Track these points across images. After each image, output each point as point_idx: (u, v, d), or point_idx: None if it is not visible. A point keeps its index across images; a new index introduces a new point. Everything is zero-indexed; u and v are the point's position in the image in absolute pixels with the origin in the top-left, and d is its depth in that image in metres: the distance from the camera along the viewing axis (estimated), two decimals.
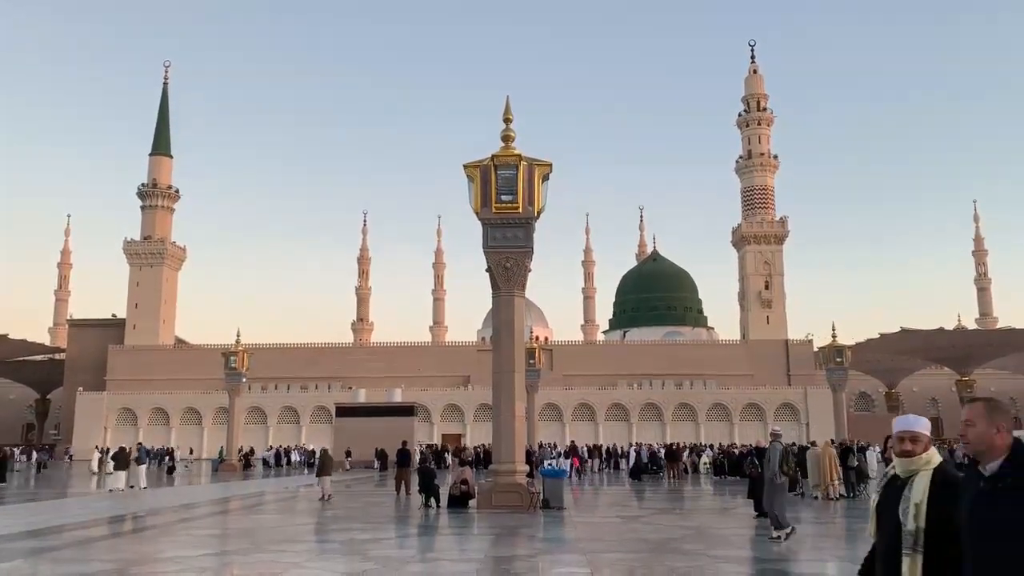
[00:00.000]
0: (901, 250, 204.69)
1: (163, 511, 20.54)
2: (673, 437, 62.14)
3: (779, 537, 13.41)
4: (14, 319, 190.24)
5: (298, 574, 10.13)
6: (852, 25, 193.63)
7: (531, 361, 41.78)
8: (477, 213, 19.68)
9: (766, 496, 14.56)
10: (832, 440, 30.72)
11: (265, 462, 55.94)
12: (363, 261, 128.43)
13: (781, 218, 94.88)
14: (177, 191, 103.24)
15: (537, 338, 64.08)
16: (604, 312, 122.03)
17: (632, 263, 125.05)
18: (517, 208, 19.42)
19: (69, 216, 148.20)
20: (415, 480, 23.37)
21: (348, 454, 48.24)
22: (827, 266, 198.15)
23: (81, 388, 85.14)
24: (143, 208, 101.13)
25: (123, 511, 20.33)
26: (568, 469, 33.00)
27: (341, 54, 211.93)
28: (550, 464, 29.02)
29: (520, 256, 19.70)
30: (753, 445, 31.43)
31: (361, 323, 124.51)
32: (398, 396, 56.93)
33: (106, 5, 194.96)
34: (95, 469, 43.82)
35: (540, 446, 43.20)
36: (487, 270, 19.88)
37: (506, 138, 20.33)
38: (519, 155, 19.74)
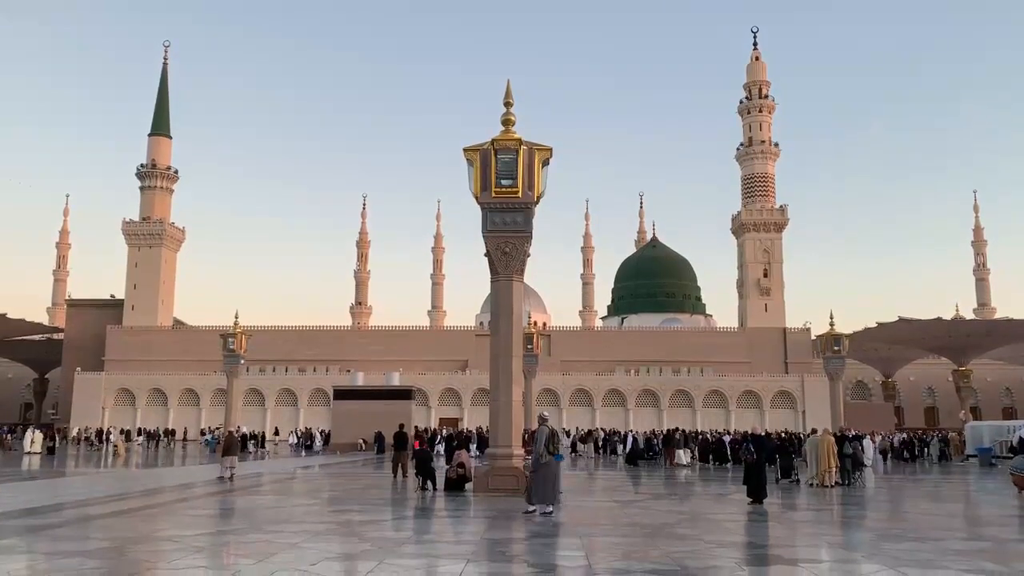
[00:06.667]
0: (900, 239, 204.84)
1: None
2: (670, 424, 62.33)
3: (546, 512, 14.56)
4: (13, 298, 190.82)
5: (295, 555, 10.16)
6: (854, 13, 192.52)
7: (529, 346, 41.83)
8: (476, 197, 19.60)
9: (535, 474, 15.45)
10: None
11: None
12: (362, 244, 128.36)
13: (781, 206, 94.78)
14: (176, 172, 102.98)
15: (535, 323, 64.16)
16: (602, 298, 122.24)
17: (631, 250, 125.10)
18: (517, 193, 19.33)
19: (68, 196, 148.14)
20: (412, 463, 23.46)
21: (365, 441, 48.20)
22: (826, 255, 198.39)
23: (79, 368, 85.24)
24: (142, 189, 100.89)
25: None
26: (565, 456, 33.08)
27: (342, 36, 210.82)
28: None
29: (519, 241, 19.64)
30: (749, 431, 31.38)
31: (360, 306, 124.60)
32: (396, 380, 56.97)
33: None
34: (28, 448, 44.14)
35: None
36: (486, 255, 19.83)
37: (506, 122, 20.22)
38: (519, 139, 19.64)
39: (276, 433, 60.44)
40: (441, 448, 39.00)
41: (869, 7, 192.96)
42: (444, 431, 49.92)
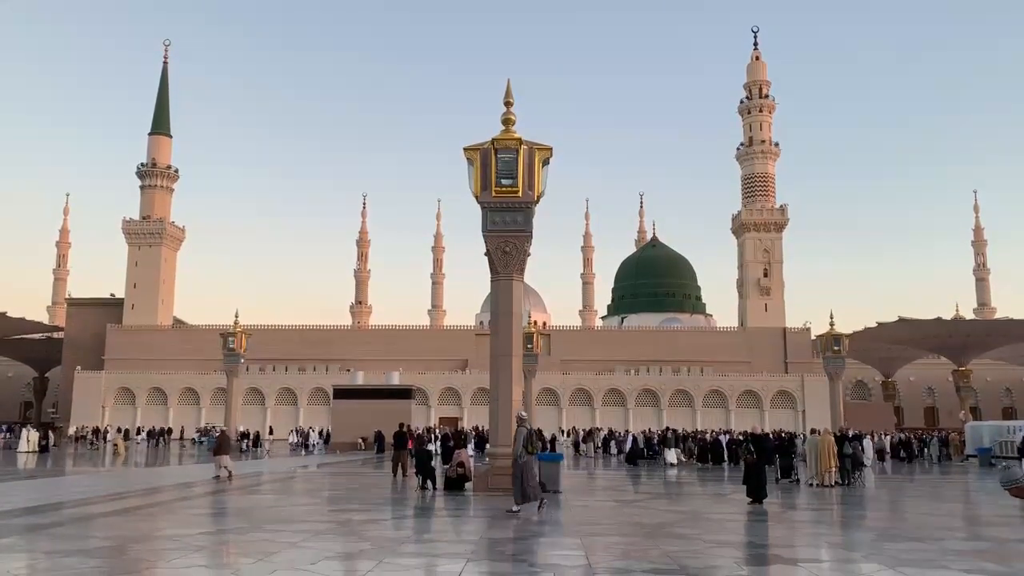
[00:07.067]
0: (900, 239, 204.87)
1: None
2: (670, 423, 62.34)
3: (518, 511, 14.68)
4: (13, 297, 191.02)
5: (294, 554, 10.16)
6: (854, 13, 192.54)
7: (529, 346, 41.76)
8: (477, 197, 19.59)
9: (514, 474, 15.56)
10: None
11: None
12: (362, 244, 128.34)
13: (781, 206, 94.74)
14: (176, 171, 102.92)
15: (535, 323, 64.07)
16: (603, 298, 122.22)
17: (631, 249, 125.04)
18: (517, 192, 19.33)
19: (68, 195, 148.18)
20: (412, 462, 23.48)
21: (365, 440, 48.18)
22: (826, 254, 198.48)
23: (79, 367, 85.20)
24: (142, 188, 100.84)
25: None
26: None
27: (342, 36, 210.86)
28: None
29: (519, 240, 19.63)
30: (749, 431, 31.35)
31: (360, 306, 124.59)
32: (396, 379, 56.96)
33: None
34: (24, 447, 44.18)
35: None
36: (486, 254, 19.83)
37: (507, 121, 20.21)
38: (519, 139, 19.63)
39: (271, 432, 60.29)
40: (433, 447, 38.83)
41: (869, 7, 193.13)
42: (438, 430, 49.87)
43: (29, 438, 44.85)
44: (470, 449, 34.23)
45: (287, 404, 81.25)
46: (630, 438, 41.78)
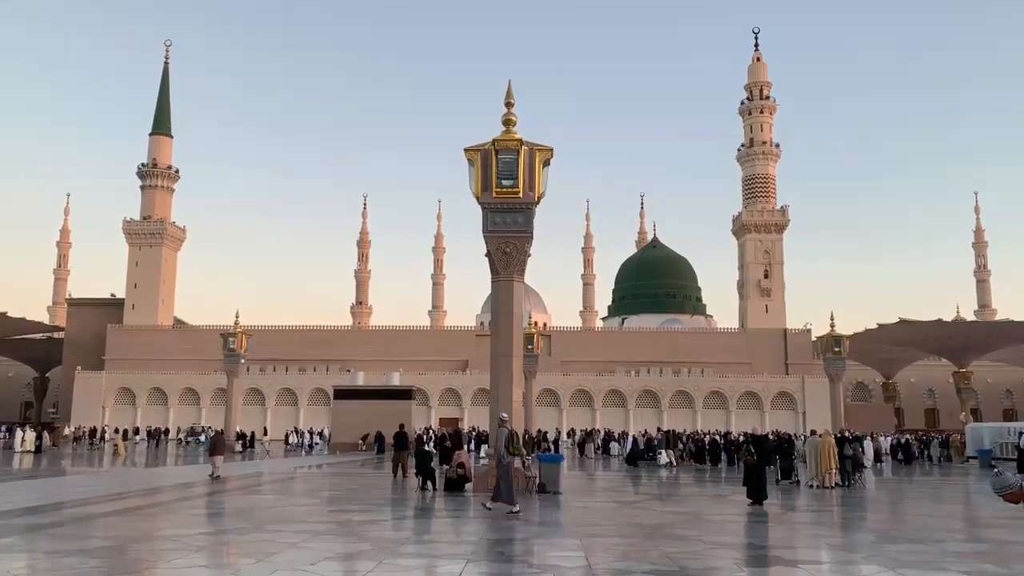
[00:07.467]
0: (901, 240, 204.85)
1: None
2: (670, 424, 62.29)
3: (517, 511, 14.80)
4: (13, 297, 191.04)
5: (294, 554, 10.16)
6: (855, 13, 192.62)
7: (529, 346, 41.74)
8: (477, 197, 19.61)
9: (500, 475, 15.66)
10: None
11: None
12: (363, 244, 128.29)
13: (782, 207, 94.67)
14: (177, 171, 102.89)
15: (536, 324, 64.03)
16: (603, 299, 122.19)
17: (632, 250, 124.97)
18: (517, 193, 19.35)
19: (69, 195, 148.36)
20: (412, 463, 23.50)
21: (364, 439, 48.10)
22: (826, 255, 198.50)
23: (80, 367, 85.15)
24: (143, 188, 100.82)
25: None
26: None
27: (342, 36, 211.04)
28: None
29: (520, 241, 19.65)
30: (749, 432, 31.34)
31: (360, 306, 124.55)
32: (396, 379, 56.93)
33: None
34: (18, 447, 44.14)
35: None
36: (486, 255, 19.84)
37: (507, 122, 20.23)
38: (520, 140, 19.65)
39: (265, 433, 60.12)
40: (430, 448, 38.72)
41: (869, 7, 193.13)
42: (431, 431, 49.84)
43: (24, 438, 44.75)
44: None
45: (287, 404, 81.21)
46: (630, 439, 41.76)
